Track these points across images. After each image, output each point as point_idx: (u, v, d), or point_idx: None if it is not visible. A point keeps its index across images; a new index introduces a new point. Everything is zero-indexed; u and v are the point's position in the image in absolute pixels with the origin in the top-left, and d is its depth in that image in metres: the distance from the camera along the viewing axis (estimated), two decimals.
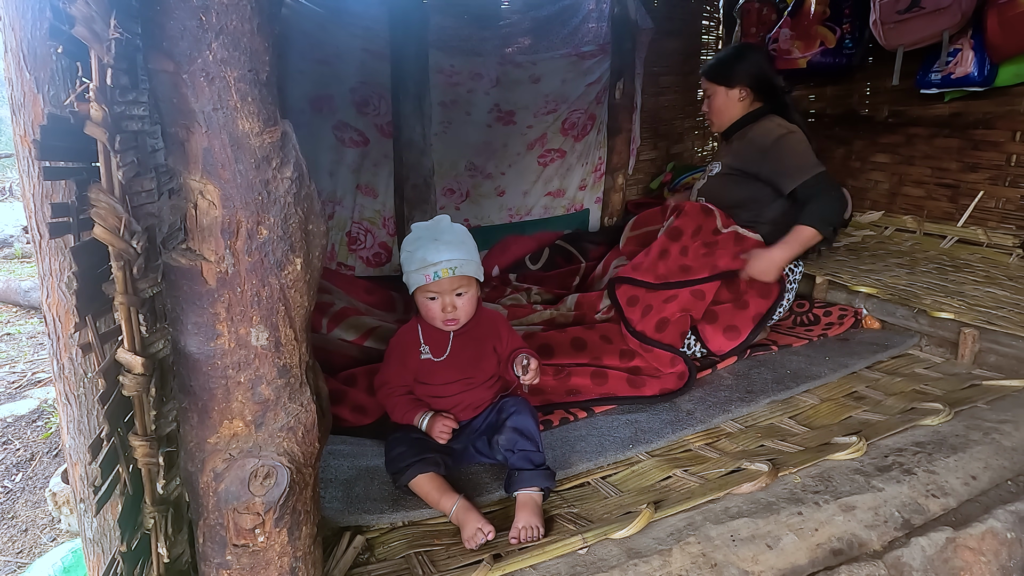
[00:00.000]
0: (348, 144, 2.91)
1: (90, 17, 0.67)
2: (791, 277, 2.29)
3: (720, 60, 2.34)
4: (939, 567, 1.25)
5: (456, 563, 1.23)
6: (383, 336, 2.06)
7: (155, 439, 0.86)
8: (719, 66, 2.31)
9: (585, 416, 1.80)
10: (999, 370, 1.97)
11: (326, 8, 2.62)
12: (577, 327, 2.11)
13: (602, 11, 3.29)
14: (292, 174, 0.87)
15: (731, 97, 2.29)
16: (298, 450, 0.96)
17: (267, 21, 0.81)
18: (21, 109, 1.04)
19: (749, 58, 2.31)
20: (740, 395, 1.88)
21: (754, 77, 2.27)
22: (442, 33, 2.92)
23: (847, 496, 1.34)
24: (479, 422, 1.54)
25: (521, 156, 3.36)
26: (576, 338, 2.02)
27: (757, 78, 2.27)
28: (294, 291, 0.91)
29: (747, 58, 2.30)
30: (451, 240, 1.46)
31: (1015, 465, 1.49)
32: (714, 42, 4.18)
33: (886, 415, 1.71)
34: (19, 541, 2.19)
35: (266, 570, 0.96)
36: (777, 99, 2.30)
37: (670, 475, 1.51)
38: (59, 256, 1.09)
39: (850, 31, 3.25)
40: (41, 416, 2.90)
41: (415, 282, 1.46)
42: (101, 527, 1.20)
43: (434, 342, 1.54)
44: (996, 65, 2.70)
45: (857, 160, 3.57)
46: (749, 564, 1.19)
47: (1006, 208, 2.91)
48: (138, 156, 0.77)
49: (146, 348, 0.84)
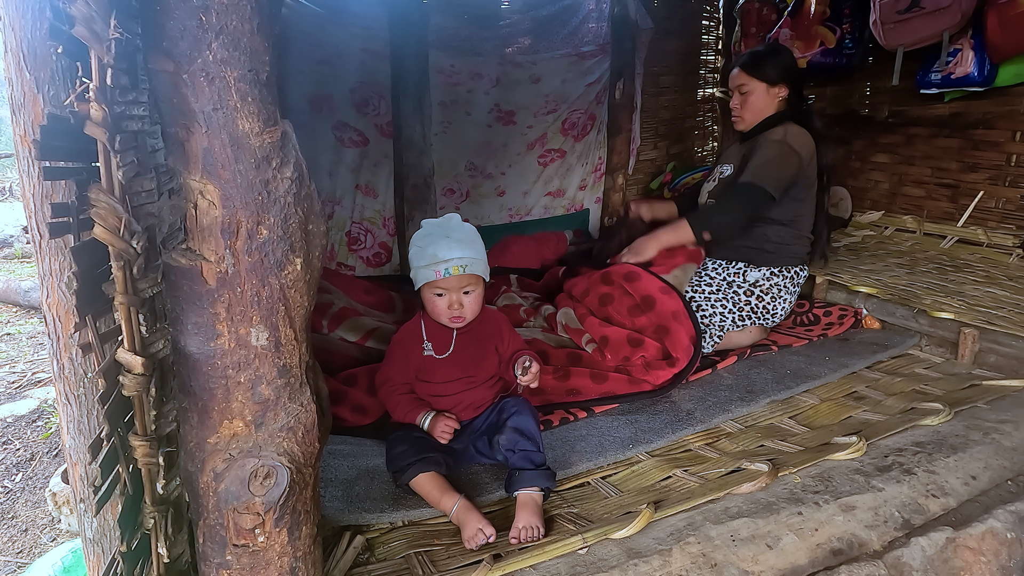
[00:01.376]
0: (348, 144, 2.91)
1: (90, 17, 0.67)
2: (793, 281, 2.26)
3: (761, 55, 2.24)
4: (939, 567, 1.25)
5: (456, 563, 1.22)
6: (384, 337, 2.06)
7: (155, 439, 0.86)
8: (761, 61, 2.22)
9: (585, 416, 1.80)
10: (999, 370, 1.97)
11: (326, 8, 2.61)
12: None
13: (602, 11, 3.29)
14: (292, 174, 0.87)
15: (771, 95, 2.21)
16: (298, 450, 0.96)
17: (267, 21, 0.81)
18: (21, 109, 1.04)
19: (789, 57, 2.27)
20: (740, 395, 1.88)
21: (796, 76, 2.23)
22: (442, 33, 2.92)
23: (847, 496, 1.34)
24: (480, 422, 1.54)
25: (521, 156, 3.36)
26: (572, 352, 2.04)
27: (797, 78, 2.23)
28: (294, 291, 0.91)
29: (787, 56, 2.27)
30: (462, 238, 1.46)
31: (1015, 465, 1.49)
32: (714, 42, 4.18)
33: (886, 415, 1.71)
34: (19, 541, 2.19)
35: (266, 570, 0.96)
36: (802, 105, 2.27)
37: (670, 475, 1.51)
38: (59, 256, 1.09)
39: (850, 31, 3.25)
40: (41, 416, 2.90)
41: (424, 277, 1.46)
42: (101, 527, 1.20)
43: (437, 339, 1.54)
44: (996, 65, 2.70)
45: (857, 160, 3.57)
46: (749, 564, 1.19)
47: (1006, 208, 2.91)
48: (138, 156, 0.77)
49: (146, 348, 0.84)
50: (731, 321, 2.19)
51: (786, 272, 2.24)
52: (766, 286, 2.21)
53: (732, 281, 2.22)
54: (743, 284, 2.21)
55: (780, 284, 2.23)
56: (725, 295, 2.19)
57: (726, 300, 2.19)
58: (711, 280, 2.22)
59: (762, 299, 2.21)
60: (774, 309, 2.23)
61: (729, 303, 2.19)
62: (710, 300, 2.18)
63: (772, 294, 2.22)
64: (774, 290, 2.22)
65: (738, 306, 2.20)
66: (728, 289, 2.20)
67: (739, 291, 2.21)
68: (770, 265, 2.22)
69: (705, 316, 2.16)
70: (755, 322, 2.23)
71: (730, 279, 2.22)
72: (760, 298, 2.21)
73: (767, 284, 2.21)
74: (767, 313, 2.23)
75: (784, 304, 2.25)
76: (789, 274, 2.24)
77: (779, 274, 2.23)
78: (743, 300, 2.20)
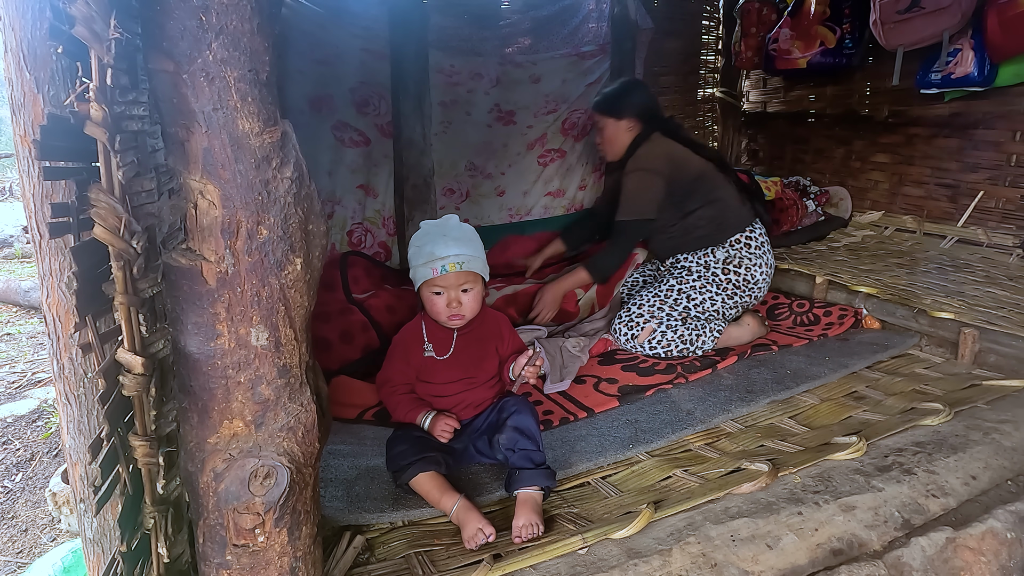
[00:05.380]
0: (348, 144, 2.90)
1: (90, 17, 0.67)
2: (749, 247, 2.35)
3: (608, 95, 2.49)
4: (939, 567, 1.25)
5: (456, 563, 1.22)
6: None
7: (155, 439, 0.86)
8: (608, 100, 2.47)
9: (585, 416, 1.80)
10: (999, 370, 1.97)
11: (326, 8, 2.61)
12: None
13: (602, 11, 3.28)
14: (292, 174, 0.87)
15: (621, 128, 2.43)
16: (298, 450, 0.96)
17: (267, 21, 0.81)
18: (21, 109, 1.04)
19: (637, 92, 2.48)
20: (740, 395, 1.88)
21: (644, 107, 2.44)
22: (442, 33, 2.92)
23: (847, 496, 1.34)
24: (480, 421, 1.54)
25: (521, 156, 3.36)
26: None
27: (646, 108, 2.44)
28: (294, 291, 0.91)
29: (635, 91, 2.48)
30: (459, 236, 1.47)
31: (1015, 465, 1.49)
32: (714, 42, 4.18)
33: (886, 415, 1.71)
34: (19, 541, 2.19)
35: (266, 570, 0.96)
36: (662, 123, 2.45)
37: (670, 475, 1.51)
38: (59, 256, 1.09)
39: (850, 31, 3.25)
40: (41, 416, 2.90)
41: (422, 276, 1.47)
42: (101, 527, 1.20)
43: (438, 340, 1.54)
44: (996, 65, 2.69)
45: (857, 160, 3.57)
46: (749, 564, 1.19)
47: (1006, 208, 2.91)
48: (138, 156, 0.77)
49: (146, 348, 0.84)
50: (721, 302, 2.29)
51: (740, 239, 2.33)
52: (735, 259, 2.32)
53: (707, 263, 2.33)
54: (717, 263, 2.32)
55: (742, 252, 2.32)
56: (708, 280, 2.30)
57: (709, 285, 2.30)
58: (691, 270, 2.33)
59: (738, 272, 2.31)
60: (752, 277, 2.32)
61: (714, 287, 2.30)
62: (696, 289, 2.29)
63: (744, 264, 2.31)
64: (744, 260, 2.32)
65: (722, 286, 2.30)
66: (707, 272, 2.31)
67: (717, 271, 2.31)
68: (725, 239, 2.33)
69: (698, 306, 2.26)
70: (742, 298, 2.32)
71: (706, 262, 2.33)
72: (736, 272, 2.31)
73: (734, 256, 2.32)
74: (749, 284, 2.32)
75: (758, 271, 2.33)
76: (743, 240, 2.34)
77: (736, 244, 2.33)
78: (723, 278, 2.30)
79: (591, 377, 2.05)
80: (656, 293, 2.30)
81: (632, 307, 2.29)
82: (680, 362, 2.15)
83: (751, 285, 2.33)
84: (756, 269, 2.33)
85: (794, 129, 3.97)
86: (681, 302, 2.26)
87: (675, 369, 2.08)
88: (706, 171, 2.36)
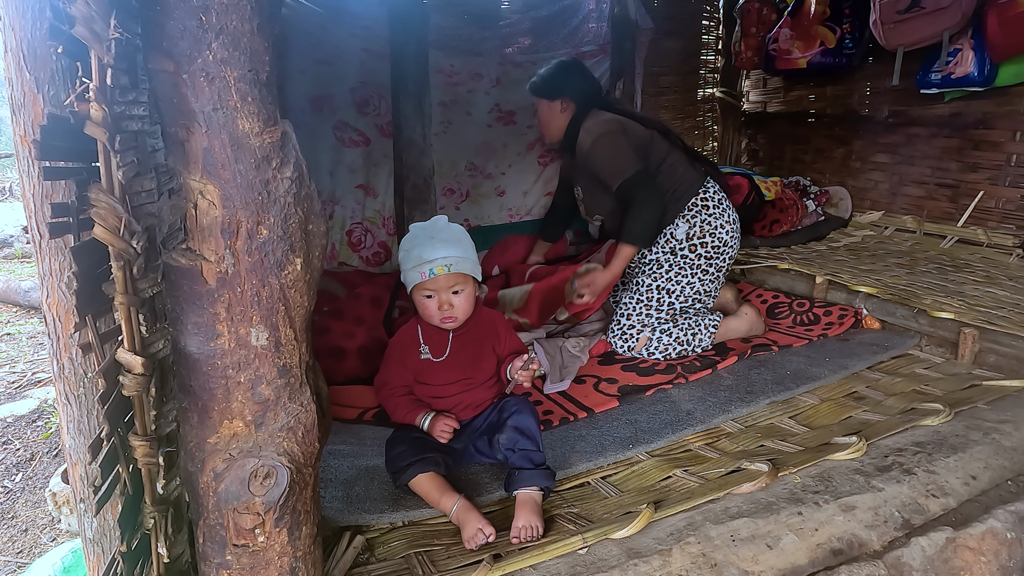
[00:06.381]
0: (348, 144, 2.91)
1: (90, 17, 0.67)
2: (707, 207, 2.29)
3: (541, 76, 2.45)
4: (939, 567, 1.25)
5: (456, 563, 1.22)
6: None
7: (155, 439, 0.86)
8: (540, 81, 2.43)
9: (585, 416, 1.80)
10: (999, 370, 1.97)
11: (326, 8, 2.61)
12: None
13: (602, 11, 3.28)
14: (292, 174, 0.87)
15: (555, 108, 2.40)
16: (298, 450, 0.96)
17: (267, 21, 0.81)
18: (21, 109, 1.04)
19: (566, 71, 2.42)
20: (740, 395, 1.88)
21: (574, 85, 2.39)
22: (442, 33, 2.92)
23: (847, 496, 1.34)
24: (480, 422, 1.54)
25: (521, 156, 3.36)
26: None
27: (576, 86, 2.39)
28: (294, 291, 0.91)
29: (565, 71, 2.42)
30: (447, 238, 1.46)
31: (1015, 465, 1.49)
32: (714, 42, 4.18)
33: (886, 415, 1.71)
34: (19, 541, 2.19)
35: (266, 570, 0.96)
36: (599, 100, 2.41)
37: (670, 475, 1.51)
38: (59, 256, 1.09)
39: (850, 31, 3.25)
40: (41, 416, 2.90)
41: (412, 280, 1.47)
42: (101, 527, 1.20)
43: (434, 342, 1.54)
44: (996, 65, 2.70)
45: (857, 160, 3.57)
46: (749, 564, 1.19)
47: (1006, 208, 2.91)
48: (138, 156, 0.77)
49: (146, 348, 0.84)
50: (699, 281, 2.26)
51: (696, 203, 2.27)
52: (697, 230, 2.26)
53: (673, 248, 2.27)
54: (681, 244, 2.26)
55: (701, 216, 2.26)
56: (679, 266, 2.25)
57: (682, 270, 2.25)
58: (659, 263, 2.28)
59: (704, 242, 2.25)
60: (719, 241, 2.26)
61: (687, 269, 2.25)
62: (671, 280, 2.25)
63: (707, 231, 2.26)
64: (706, 226, 2.26)
65: (694, 264, 2.25)
66: (675, 258, 2.26)
67: (684, 252, 2.26)
68: (678, 211, 2.27)
69: (679, 296, 2.24)
70: (717, 266, 2.28)
71: (671, 247, 2.27)
72: (703, 243, 2.25)
73: (694, 225, 2.26)
74: (719, 249, 2.26)
75: (724, 232, 2.27)
76: (700, 204, 2.27)
77: (693, 208, 2.27)
78: (692, 257, 2.26)
79: (591, 377, 2.05)
80: (638, 298, 2.25)
81: (621, 317, 2.26)
82: (680, 362, 2.15)
83: (721, 248, 2.27)
84: (721, 230, 2.26)
85: (794, 129, 3.97)
86: (664, 300, 2.23)
87: (675, 369, 2.08)
88: (653, 137, 2.34)
